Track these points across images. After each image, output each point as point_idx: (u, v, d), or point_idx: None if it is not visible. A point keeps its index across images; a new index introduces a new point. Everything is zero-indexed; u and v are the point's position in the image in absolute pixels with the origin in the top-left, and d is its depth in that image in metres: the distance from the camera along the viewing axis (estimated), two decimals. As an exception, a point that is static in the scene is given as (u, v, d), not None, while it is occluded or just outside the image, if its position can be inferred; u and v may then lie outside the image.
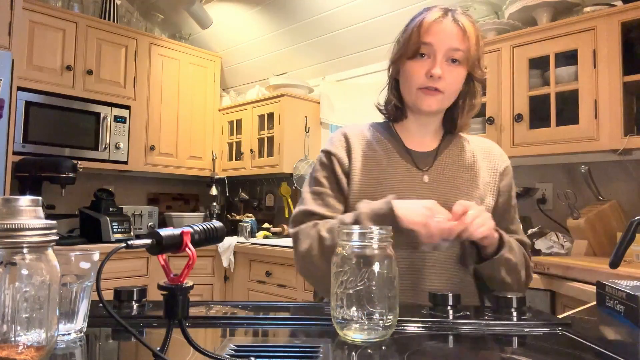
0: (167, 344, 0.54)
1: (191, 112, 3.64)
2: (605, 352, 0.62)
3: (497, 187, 1.12)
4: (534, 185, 2.30)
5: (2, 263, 0.48)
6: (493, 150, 1.17)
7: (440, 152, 1.13)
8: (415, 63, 1.05)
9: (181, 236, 0.57)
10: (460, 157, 1.13)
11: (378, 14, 2.87)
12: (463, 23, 1.03)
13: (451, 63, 1.04)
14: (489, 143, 1.20)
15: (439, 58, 1.02)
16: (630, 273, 1.40)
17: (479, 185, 1.10)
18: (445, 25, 1.03)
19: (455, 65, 1.04)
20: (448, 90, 1.06)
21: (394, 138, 1.15)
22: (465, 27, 1.03)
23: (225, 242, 3.07)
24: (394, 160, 1.11)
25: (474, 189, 1.09)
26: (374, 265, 0.67)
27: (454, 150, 1.14)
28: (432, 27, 1.03)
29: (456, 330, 0.74)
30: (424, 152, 1.13)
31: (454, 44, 1.03)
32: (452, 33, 1.03)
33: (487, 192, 1.10)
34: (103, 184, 3.39)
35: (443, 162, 1.11)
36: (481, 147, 1.17)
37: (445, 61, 1.03)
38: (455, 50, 1.03)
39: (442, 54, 1.03)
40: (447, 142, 1.15)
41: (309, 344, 0.65)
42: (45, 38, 2.91)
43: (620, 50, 1.86)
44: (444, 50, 1.02)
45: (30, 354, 0.50)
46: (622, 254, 1.13)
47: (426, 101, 1.05)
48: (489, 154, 1.16)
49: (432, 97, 1.05)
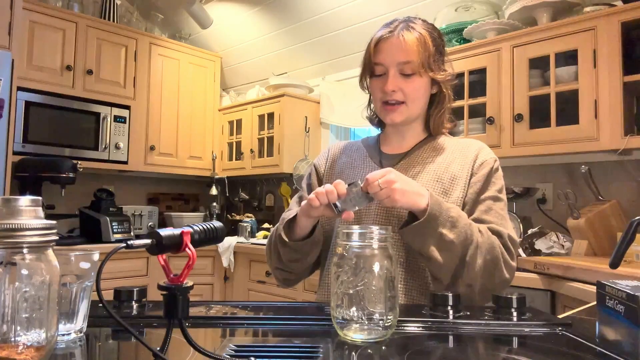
0: (167, 344, 0.54)
1: (191, 112, 3.64)
2: (605, 352, 0.62)
3: (468, 181, 1.10)
4: (534, 185, 2.30)
5: (2, 263, 0.48)
6: (470, 147, 1.16)
7: (410, 153, 1.17)
8: (374, 81, 1.14)
9: (181, 236, 0.57)
10: (431, 155, 1.16)
11: (378, 14, 2.87)
12: (404, 36, 1.08)
13: (405, 77, 1.09)
14: (470, 141, 1.19)
15: (392, 72, 1.09)
16: (630, 273, 1.40)
17: (444, 179, 1.10)
18: (391, 41, 1.09)
19: (412, 77, 1.09)
20: (410, 100, 1.11)
21: (373, 145, 1.25)
22: (406, 39, 1.08)
23: (225, 242, 3.07)
24: (365, 162, 1.21)
25: (434, 183, 1.09)
26: (374, 265, 0.67)
27: (427, 150, 1.17)
28: (380, 46, 1.10)
29: (456, 330, 0.74)
30: (394, 154, 1.20)
31: (401, 59, 1.08)
32: (398, 48, 1.08)
33: (455, 186, 1.09)
34: (103, 184, 3.39)
35: (409, 162, 1.15)
36: (459, 146, 1.17)
37: (400, 75, 1.09)
38: (405, 63, 1.08)
39: (394, 69, 1.09)
40: (422, 144, 1.19)
41: (309, 344, 0.65)
42: (45, 38, 2.91)
43: (620, 50, 1.86)
44: (393, 66, 1.09)
45: (30, 354, 0.50)
46: (622, 254, 1.13)
47: (389, 115, 1.13)
48: (466, 149, 1.15)
49: (394, 111, 1.12)
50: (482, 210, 1.07)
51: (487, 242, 0.99)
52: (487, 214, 1.06)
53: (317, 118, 3.43)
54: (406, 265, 1.05)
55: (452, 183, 1.10)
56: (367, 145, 1.26)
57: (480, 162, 1.12)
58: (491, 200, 1.08)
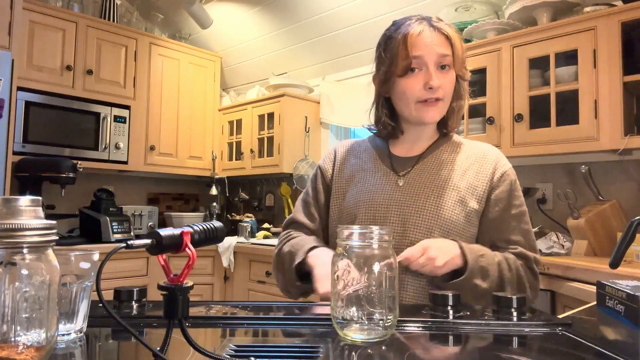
0: (167, 344, 0.54)
1: (191, 112, 3.64)
2: (605, 352, 0.62)
3: (486, 194, 1.09)
4: (534, 185, 2.30)
5: (2, 263, 0.48)
6: (488, 155, 1.14)
7: (424, 156, 1.14)
8: (407, 79, 1.07)
9: (181, 236, 0.57)
10: (445, 160, 1.12)
11: (378, 14, 2.87)
12: (443, 29, 1.06)
13: (442, 70, 1.06)
14: (486, 147, 1.17)
15: (432, 68, 1.05)
16: (630, 273, 1.40)
17: (461, 188, 1.08)
18: (429, 35, 1.05)
19: (446, 71, 1.07)
20: (446, 97, 1.09)
21: (382, 145, 1.20)
22: (448, 33, 1.06)
23: (225, 242, 3.07)
24: (376, 165, 1.17)
25: (451, 191, 1.07)
26: (374, 265, 0.67)
27: (441, 153, 1.14)
28: (418, 40, 1.05)
29: (456, 330, 0.74)
30: (407, 157, 1.15)
31: (441, 51, 1.05)
32: (438, 41, 1.05)
33: (471, 195, 1.08)
34: (103, 184, 3.39)
35: (424, 166, 1.12)
36: (475, 151, 1.15)
37: (436, 69, 1.06)
38: (444, 56, 1.05)
39: (433, 64, 1.05)
40: (436, 146, 1.16)
41: (309, 344, 0.65)
42: (45, 38, 2.91)
43: (620, 50, 1.86)
44: (434, 59, 1.05)
45: (30, 354, 0.49)
46: (622, 254, 1.13)
47: (429, 113, 1.08)
48: (482, 158, 1.13)
49: (433, 108, 1.08)
50: (511, 229, 1.09)
51: (515, 276, 1.04)
52: (515, 233, 1.08)
53: (317, 118, 3.43)
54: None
55: (468, 192, 1.08)
56: (376, 145, 1.21)
57: (500, 175, 1.11)
58: (518, 217, 1.10)
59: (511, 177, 1.12)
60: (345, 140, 1.30)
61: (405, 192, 1.09)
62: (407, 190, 1.09)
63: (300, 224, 1.21)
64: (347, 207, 1.13)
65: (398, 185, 1.10)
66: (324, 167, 1.24)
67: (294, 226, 1.23)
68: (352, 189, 1.15)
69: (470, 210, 1.06)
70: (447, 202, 1.06)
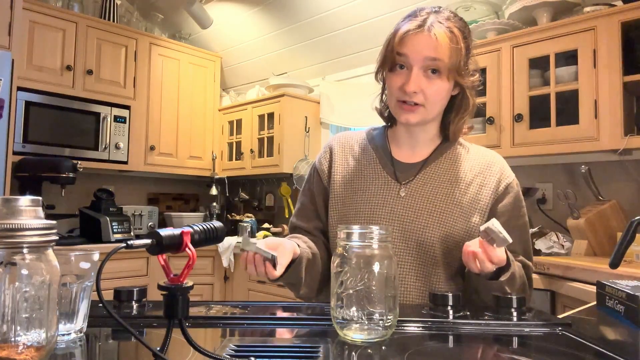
0: (167, 344, 0.54)
1: (191, 112, 3.64)
2: (605, 352, 0.62)
3: (489, 206, 1.07)
4: (534, 185, 2.30)
5: (2, 263, 0.48)
6: (493, 165, 1.10)
7: (427, 164, 1.09)
8: (393, 75, 1.02)
9: (181, 236, 0.57)
10: (449, 170, 1.08)
11: (378, 14, 2.87)
12: (436, 33, 0.97)
13: (431, 74, 0.99)
14: (490, 156, 1.13)
15: (415, 71, 0.99)
16: (630, 273, 1.40)
17: (464, 203, 1.05)
18: (420, 35, 0.98)
19: (436, 76, 1.00)
20: (429, 102, 1.02)
21: (383, 147, 1.14)
22: (438, 37, 0.97)
23: (225, 242, 3.07)
24: (376, 170, 1.11)
25: (454, 207, 1.04)
26: (374, 265, 0.67)
27: (444, 162, 1.10)
28: (407, 38, 0.99)
29: (456, 330, 0.74)
30: (410, 163, 1.11)
31: (429, 54, 0.98)
32: (427, 43, 0.97)
33: (473, 210, 1.05)
34: (103, 184, 3.39)
35: (427, 176, 1.08)
36: (480, 161, 1.10)
37: (424, 72, 0.99)
38: (432, 60, 0.98)
39: (419, 66, 0.99)
40: (439, 153, 1.11)
41: (309, 344, 0.65)
42: (45, 38, 2.91)
43: (620, 50, 1.86)
44: (420, 61, 0.98)
45: (30, 354, 0.50)
46: (622, 254, 1.13)
47: (403, 115, 1.03)
48: (487, 169, 1.09)
49: (410, 112, 1.02)
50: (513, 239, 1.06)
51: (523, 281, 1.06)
52: (516, 243, 1.07)
53: (317, 118, 3.43)
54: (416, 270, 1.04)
55: (471, 207, 1.06)
56: (375, 146, 1.15)
57: (504, 187, 1.08)
58: (521, 228, 1.10)
59: (515, 188, 1.10)
60: (340, 134, 1.22)
61: (407, 206, 1.05)
62: (409, 203, 1.06)
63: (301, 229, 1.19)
64: (348, 217, 1.10)
65: (400, 197, 1.07)
66: (320, 168, 1.19)
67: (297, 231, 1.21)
68: (351, 196, 1.11)
69: (472, 226, 1.05)
70: (450, 220, 1.04)
